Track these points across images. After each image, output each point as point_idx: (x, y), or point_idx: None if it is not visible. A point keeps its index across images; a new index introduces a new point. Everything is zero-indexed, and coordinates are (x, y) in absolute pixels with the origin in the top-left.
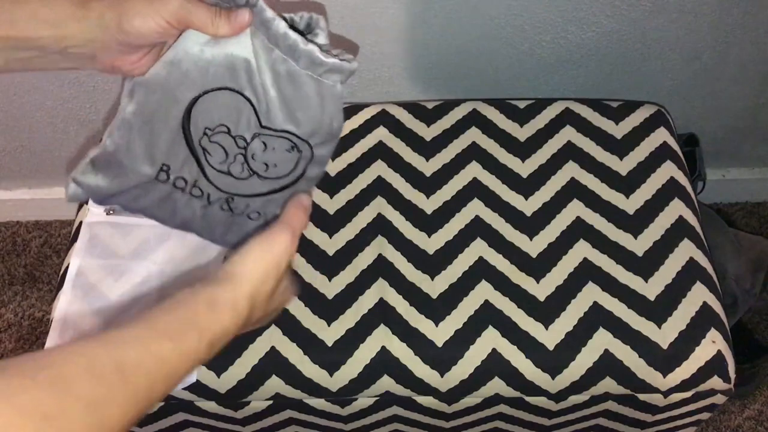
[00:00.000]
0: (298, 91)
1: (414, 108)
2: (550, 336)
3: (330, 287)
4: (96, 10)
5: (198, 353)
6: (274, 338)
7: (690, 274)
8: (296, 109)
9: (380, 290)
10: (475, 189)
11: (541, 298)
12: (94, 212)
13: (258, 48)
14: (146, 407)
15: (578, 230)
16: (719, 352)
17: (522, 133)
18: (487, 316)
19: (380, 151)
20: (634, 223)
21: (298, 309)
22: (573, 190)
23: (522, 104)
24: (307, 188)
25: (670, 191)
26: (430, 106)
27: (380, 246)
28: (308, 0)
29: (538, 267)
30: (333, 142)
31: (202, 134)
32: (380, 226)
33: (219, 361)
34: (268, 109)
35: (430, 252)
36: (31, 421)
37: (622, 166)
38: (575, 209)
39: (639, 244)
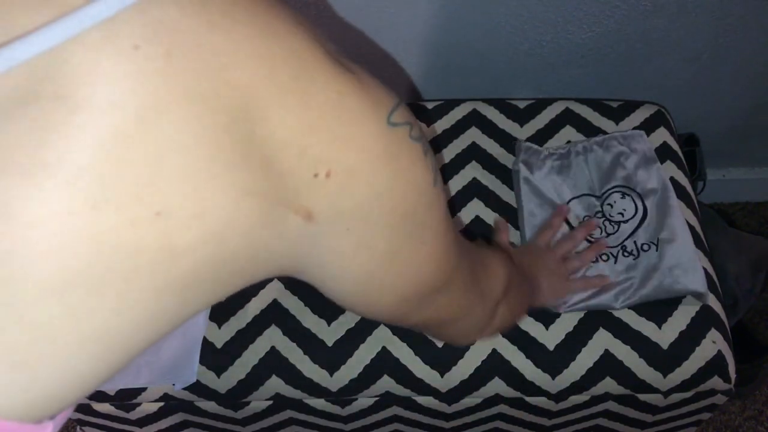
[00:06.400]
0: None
1: (415, 108)
2: (551, 336)
3: None
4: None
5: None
6: (274, 338)
7: None
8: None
9: None
10: (475, 189)
11: None
12: None
13: None
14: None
15: None
16: (719, 352)
17: (522, 133)
18: None
19: None
20: None
21: (298, 309)
22: None
23: (522, 104)
24: None
25: None
26: (430, 106)
27: None
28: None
29: None
30: None
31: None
32: None
33: (219, 362)
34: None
35: None
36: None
37: None
38: None
39: None
